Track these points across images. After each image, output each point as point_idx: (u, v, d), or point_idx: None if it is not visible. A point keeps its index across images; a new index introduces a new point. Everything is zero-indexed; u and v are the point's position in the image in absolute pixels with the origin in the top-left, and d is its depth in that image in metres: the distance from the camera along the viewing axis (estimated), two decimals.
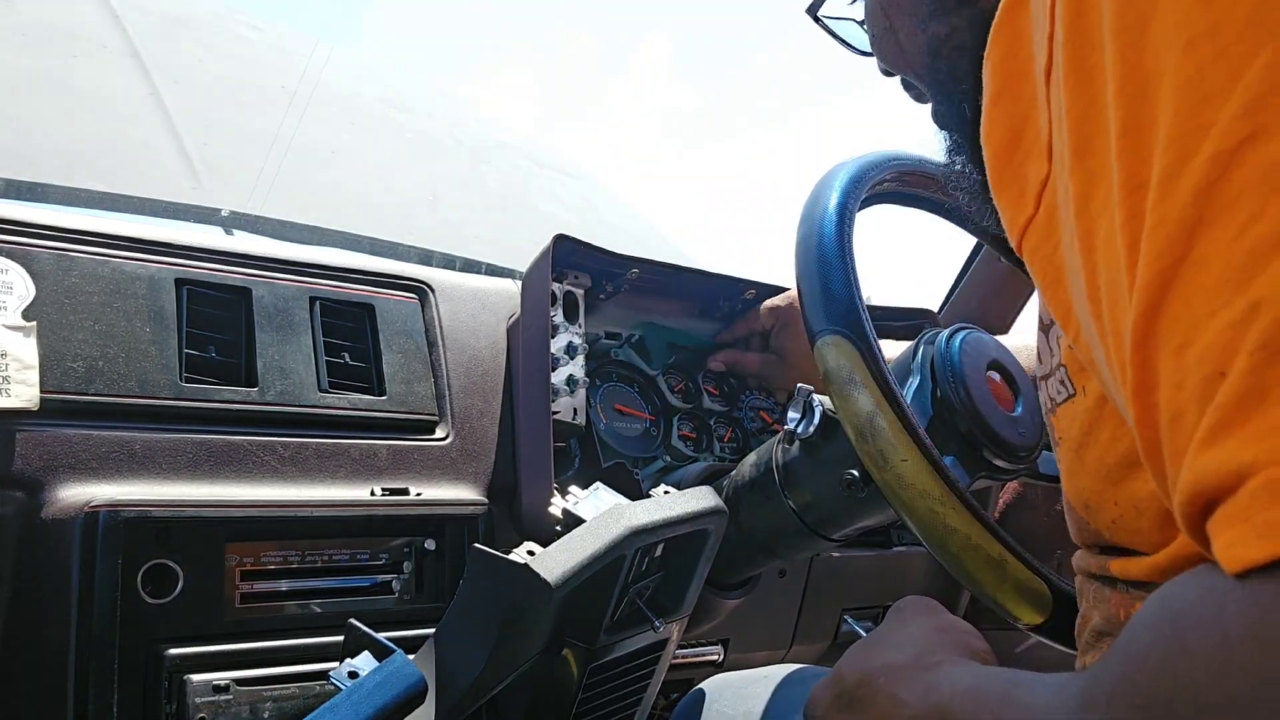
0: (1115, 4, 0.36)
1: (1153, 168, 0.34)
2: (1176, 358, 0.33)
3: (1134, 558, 0.49)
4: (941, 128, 0.67)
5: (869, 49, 0.71)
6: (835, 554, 1.20)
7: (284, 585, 0.79)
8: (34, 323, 0.76)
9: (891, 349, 0.83)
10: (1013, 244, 0.46)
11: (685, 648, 1.12)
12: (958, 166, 0.66)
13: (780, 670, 0.85)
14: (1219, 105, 0.32)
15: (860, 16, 0.73)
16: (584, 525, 0.72)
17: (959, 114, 0.64)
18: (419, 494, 0.88)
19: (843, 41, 0.78)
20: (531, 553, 0.68)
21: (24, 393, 0.72)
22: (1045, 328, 0.58)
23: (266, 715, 0.72)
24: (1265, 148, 0.31)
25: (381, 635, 0.66)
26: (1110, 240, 0.37)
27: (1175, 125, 0.33)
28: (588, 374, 1.04)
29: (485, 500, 0.93)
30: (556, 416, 0.97)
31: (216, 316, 0.88)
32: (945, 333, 0.79)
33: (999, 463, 0.76)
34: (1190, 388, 0.32)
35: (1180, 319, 0.33)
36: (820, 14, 0.78)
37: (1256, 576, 0.29)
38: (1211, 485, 0.31)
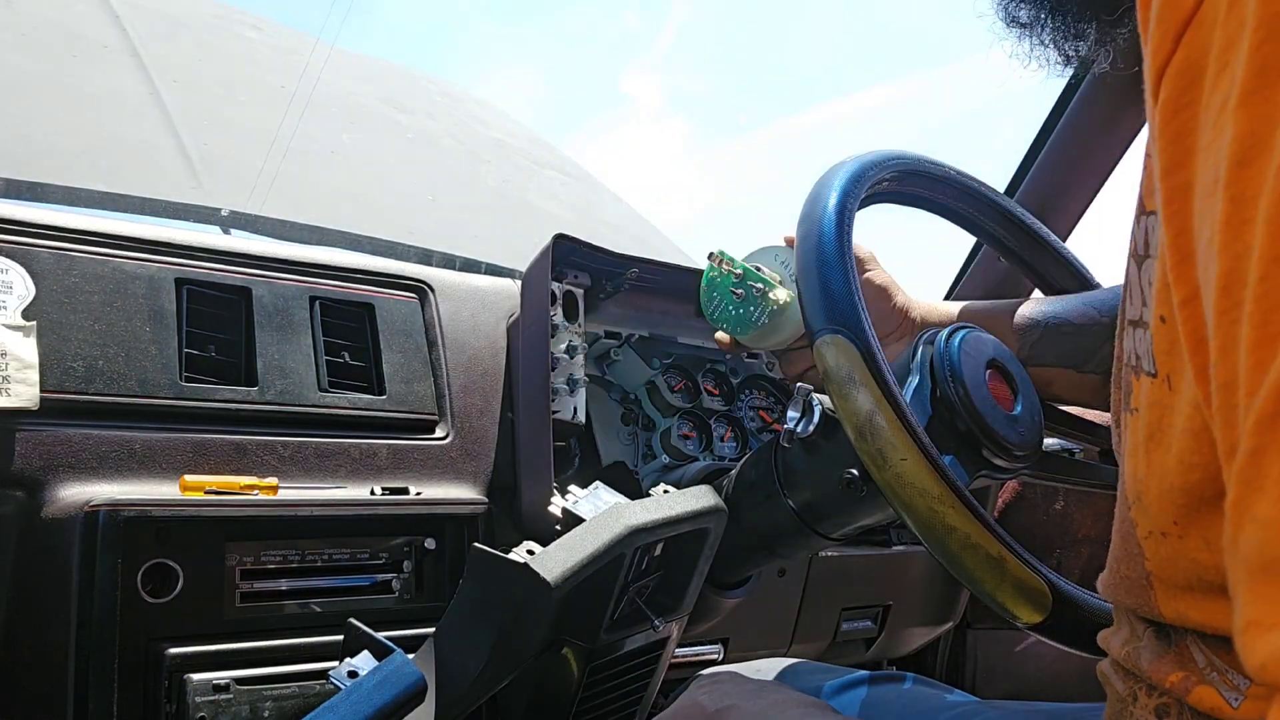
0: None
1: None
2: None
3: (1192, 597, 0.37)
4: None
5: None
6: (834, 553, 1.20)
7: (284, 585, 0.79)
8: (34, 322, 0.76)
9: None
10: (1148, 86, 0.32)
11: (685, 646, 1.12)
12: None
13: (778, 663, 0.85)
14: None
15: None
16: (584, 524, 0.72)
17: None
18: (419, 493, 0.88)
19: None
20: (531, 552, 0.68)
21: (24, 392, 0.72)
22: (1139, 258, 0.42)
23: (266, 715, 0.72)
24: None
25: (381, 634, 0.66)
26: None
27: None
28: (587, 374, 1.04)
29: (485, 499, 0.93)
30: (556, 416, 0.97)
31: (216, 316, 0.88)
32: (944, 332, 0.79)
33: (998, 462, 0.76)
34: None
35: None
36: None
37: None
38: None
